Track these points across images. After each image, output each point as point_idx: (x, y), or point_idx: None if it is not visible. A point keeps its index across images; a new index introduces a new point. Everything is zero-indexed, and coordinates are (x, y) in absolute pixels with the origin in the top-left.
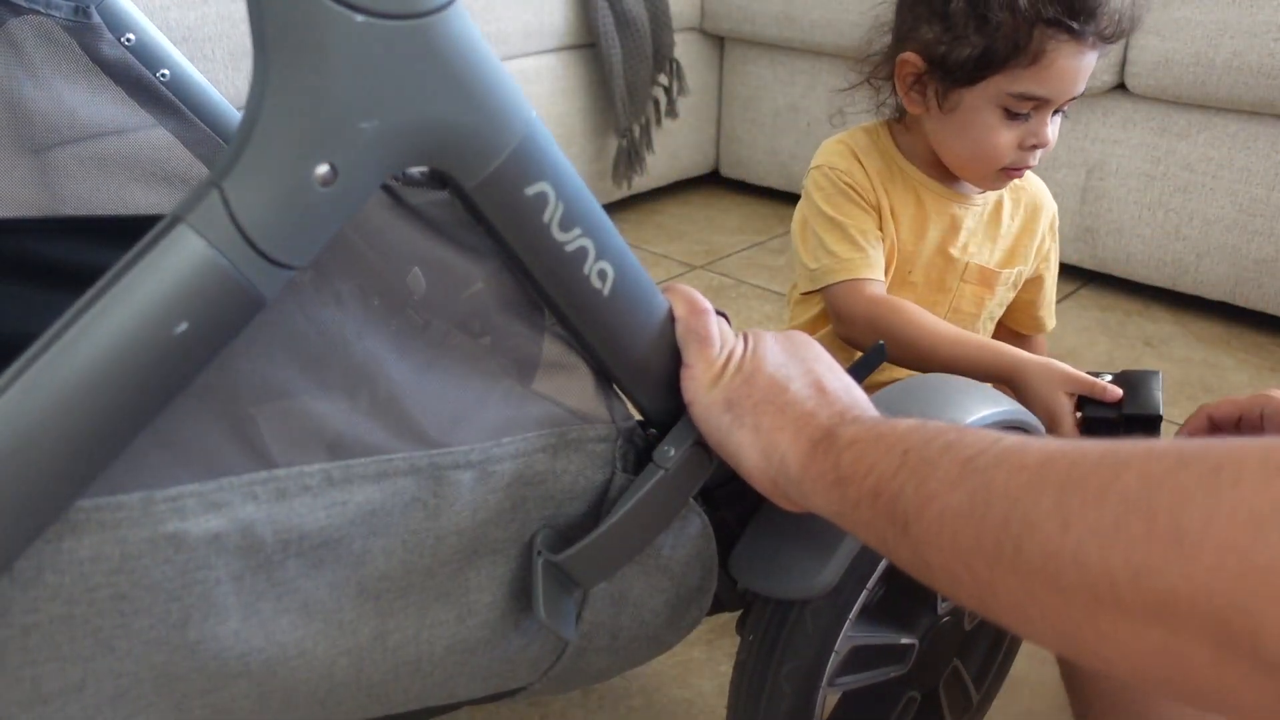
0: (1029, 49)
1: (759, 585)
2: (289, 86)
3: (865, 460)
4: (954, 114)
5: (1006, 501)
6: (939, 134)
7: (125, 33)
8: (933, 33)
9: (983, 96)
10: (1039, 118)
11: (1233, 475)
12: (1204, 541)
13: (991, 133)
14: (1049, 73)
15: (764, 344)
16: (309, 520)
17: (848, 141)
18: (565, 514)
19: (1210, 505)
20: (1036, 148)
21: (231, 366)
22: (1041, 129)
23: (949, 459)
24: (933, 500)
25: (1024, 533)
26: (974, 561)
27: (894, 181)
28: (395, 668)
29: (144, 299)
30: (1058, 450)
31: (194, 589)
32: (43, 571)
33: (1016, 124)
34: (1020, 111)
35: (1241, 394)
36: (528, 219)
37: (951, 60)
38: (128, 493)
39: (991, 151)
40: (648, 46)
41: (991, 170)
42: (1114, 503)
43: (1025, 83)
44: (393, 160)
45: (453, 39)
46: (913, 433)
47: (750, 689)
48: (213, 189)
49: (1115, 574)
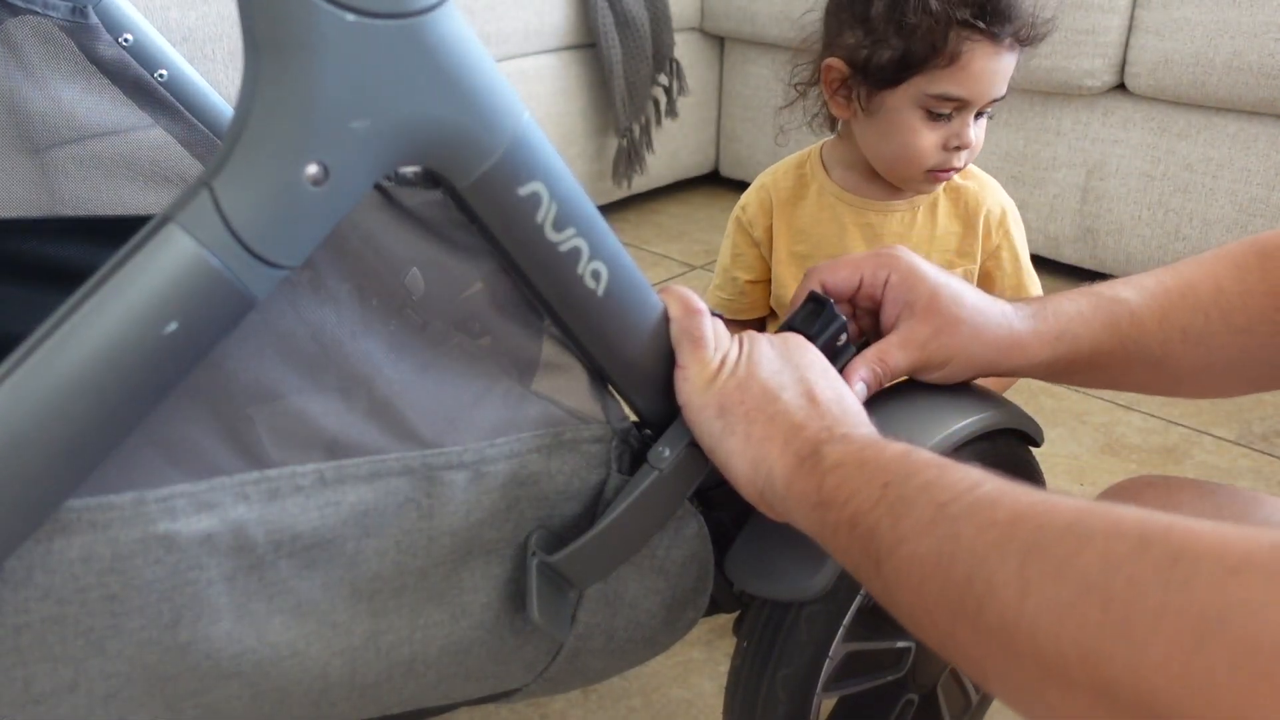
0: (945, 50)
1: (754, 587)
2: (280, 86)
3: (847, 487)
4: (877, 117)
5: (972, 559)
6: (865, 138)
7: (123, 33)
8: (855, 38)
9: (904, 98)
10: (960, 119)
11: (1188, 570)
12: (1152, 638)
13: (914, 135)
14: (966, 74)
15: (759, 348)
16: (301, 521)
17: (768, 174)
18: (560, 515)
19: (1162, 601)
20: (960, 149)
21: (223, 366)
22: (964, 130)
23: (925, 500)
24: (904, 543)
25: (985, 593)
26: (937, 612)
27: (807, 203)
28: (389, 668)
29: (134, 298)
30: (1028, 508)
31: (185, 589)
32: (33, 572)
33: (939, 125)
34: (941, 112)
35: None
36: (521, 219)
37: (873, 64)
38: (118, 493)
39: (915, 153)
40: (648, 46)
41: (917, 172)
42: (1072, 580)
43: (944, 83)
44: (385, 160)
45: (444, 38)
46: (896, 463)
47: (745, 696)
48: (203, 188)
49: (1065, 652)
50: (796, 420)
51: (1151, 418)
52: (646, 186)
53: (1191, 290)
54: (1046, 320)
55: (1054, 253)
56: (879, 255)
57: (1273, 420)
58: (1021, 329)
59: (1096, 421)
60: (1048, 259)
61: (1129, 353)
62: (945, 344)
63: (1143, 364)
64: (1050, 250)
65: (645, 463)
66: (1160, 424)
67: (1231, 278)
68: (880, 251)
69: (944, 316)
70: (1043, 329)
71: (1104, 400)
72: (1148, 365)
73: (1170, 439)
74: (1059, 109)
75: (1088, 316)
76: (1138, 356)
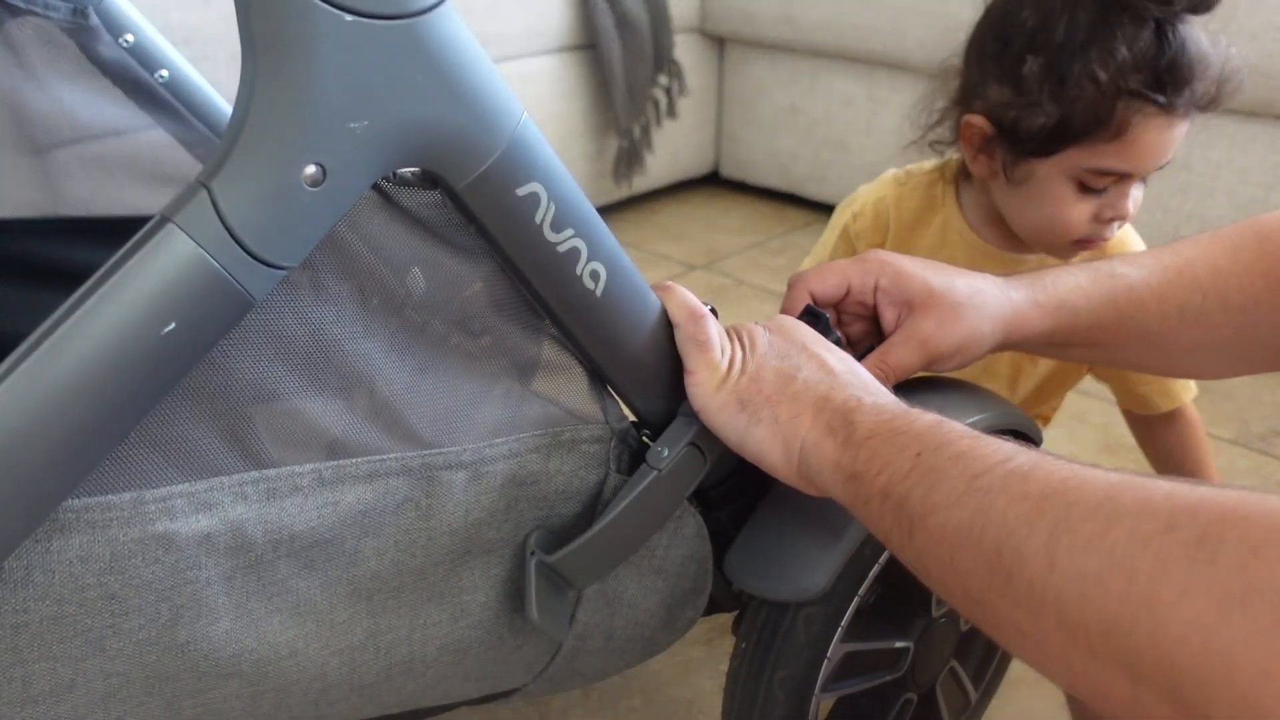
0: (1111, 122)
1: (753, 587)
2: (277, 86)
3: (880, 457)
4: (1024, 185)
5: (1003, 531)
6: (1007, 202)
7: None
8: (1003, 96)
9: (1057, 169)
10: (1119, 190)
11: (1212, 550)
12: (1174, 615)
13: (1065, 207)
14: (1134, 148)
15: (760, 339)
16: (300, 520)
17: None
18: (559, 515)
19: (1186, 580)
20: (1115, 220)
21: (222, 366)
22: (1122, 202)
23: (957, 471)
24: (937, 512)
25: (1014, 564)
26: (968, 580)
27: (928, 230)
28: (388, 668)
29: (132, 299)
30: (1060, 484)
31: (184, 589)
32: (32, 571)
33: (1092, 197)
34: (1096, 186)
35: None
36: (519, 220)
37: (1023, 129)
38: (117, 493)
39: (1064, 226)
40: (648, 47)
41: (1064, 243)
42: (1100, 555)
43: (1106, 158)
44: (382, 161)
45: (442, 39)
46: (928, 434)
47: (743, 697)
48: (201, 189)
49: (1090, 624)
50: (820, 392)
51: None
52: (646, 187)
53: (1189, 268)
54: (1045, 290)
55: None
56: (864, 261)
57: (1272, 420)
58: (1020, 299)
59: (1095, 421)
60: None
61: (1126, 328)
62: (951, 331)
63: (1139, 340)
64: None
65: (644, 463)
66: None
67: (1228, 258)
68: (864, 257)
69: (944, 305)
70: (1041, 299)
71: (1103, 400)
72: (1143, 341)
73: None
74: None
75: (1086, 289)
76: (1134, 332)
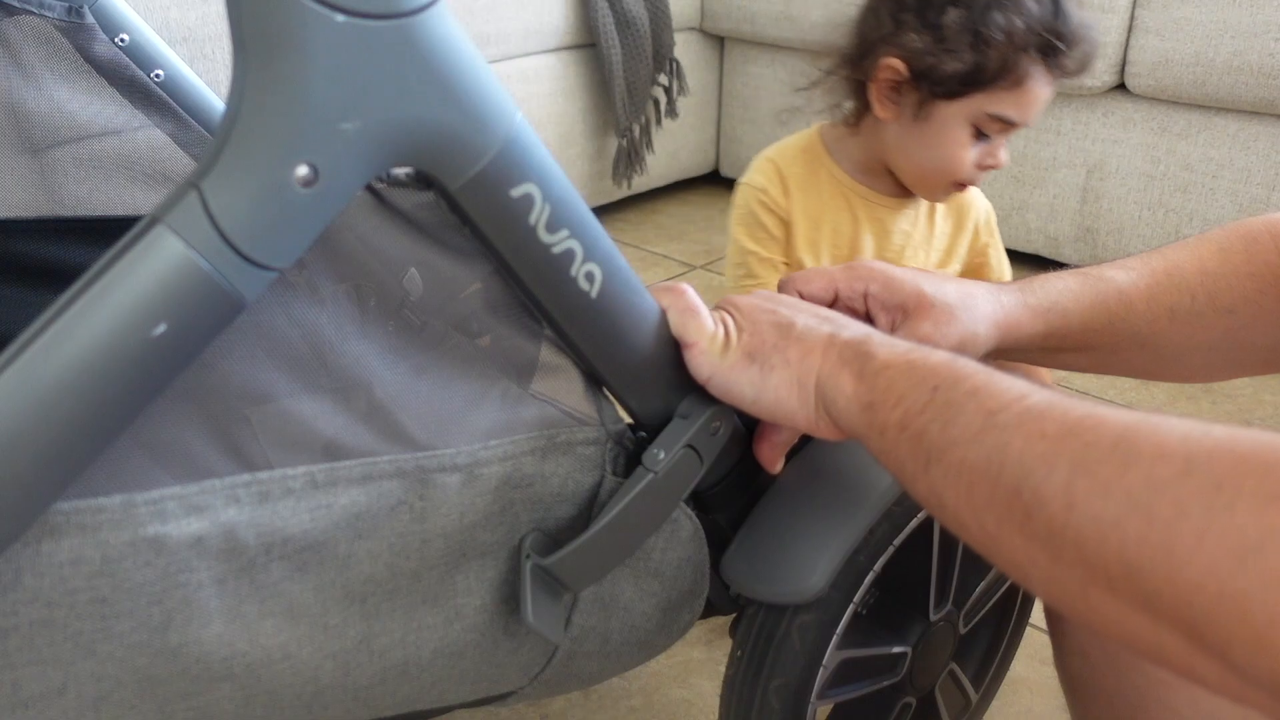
0: (1015, 72)
1: (750, 589)
2: (268, 86)
3: (896, 389)
4: (925, 125)
5: (1021, 469)
6: (901, 142)
7: (119, 33)
8: (921, 42)
9: (960, 112)
10: (999, 140)
11: (1230, 497)
12: (1192, 558)
13: (959, 149)
14: (1026, 98)
15: (745, 301)
16: (293, 523)
17: (775, 156)
18: (554, 517)
19: (1204, 524)
20: (990, 168)
21: (213, 368)
22: (999, 151)
23: (974, 406)
24: (954, 447)
25: (1033, 503)
26: (985, 516)
27: (820, 190)
28: (382, 671)
29: (122, 300)
30: (1076, 422)
31: (175, 592)
32: (21, 574)
33: (980, 143)
34: (988, 132)
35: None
36: (514, 220)
37: (938, 73)
38: (108, 495)
39: (953, 166)
40: (648, 46)
41: (945, 183)
42: (1118, 498)
43: (1004, 105)
44: (375, 161)
45: (435, 39)
46: (944, 368)
47: (739, 705)
48: (191, 190)
49: (1109, 564)
50: (825, 332)
51: None
52: (646, 186)
53: (1178, 271)
54: (1035, 294)
55: (1054, 253)
56: (852, 269)
57: (1272, 420)
58: (1011, 302)
59: None
60: (1048, 259)
61: (1117, 331)
62: (948, 334)
63: (1130, 343)
64: (1050, 250)
65: (640, 465)
66: None
67: (1216, 260)
68: (852, 265)
69: (938, 309)
70: (1032, 302)
71: (1103, 400)
72: (1135, 345)
73: None
74: (1059, 109)
75: (1077, 292)
76: (1125, 335)
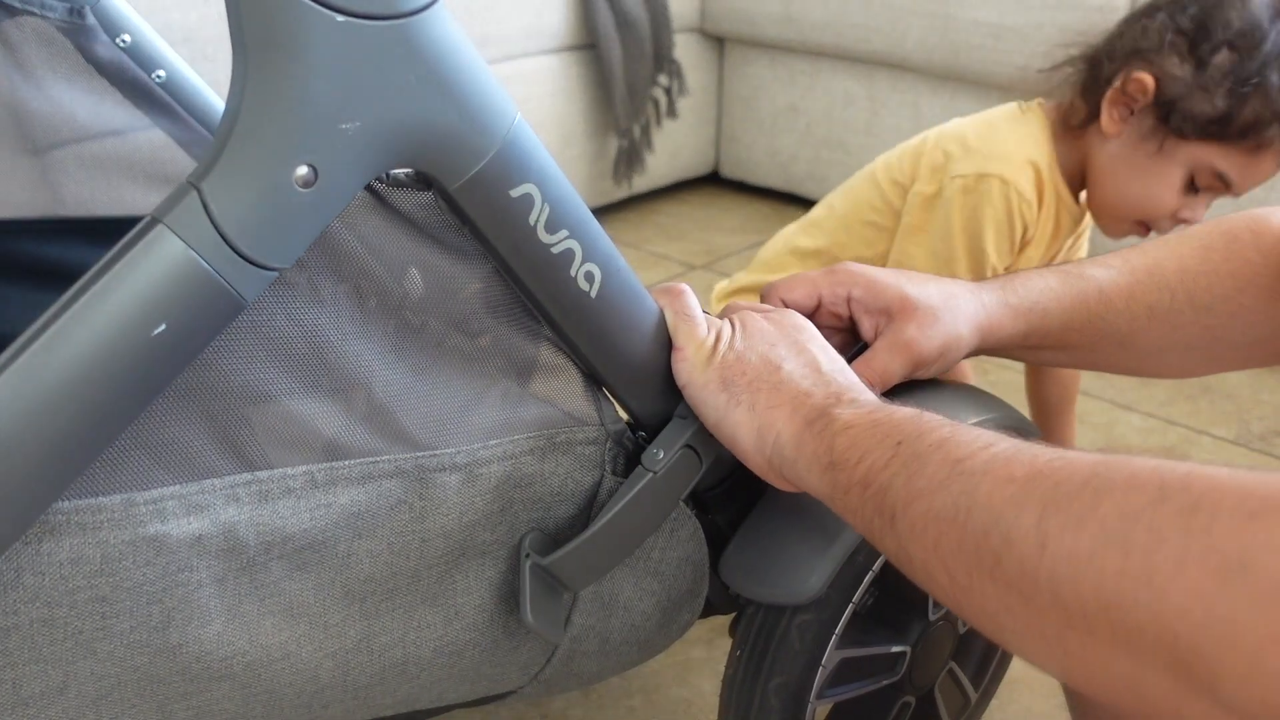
0: (1260, 136)
1: (748, 590)
2: (268, 87)
3: (859, 447)
4: (1146, 156)
5: (989, 513)
6: (1113, 164)
7: (120, 34)
8: (1181, 71)
9: (1186, 156)
10: (1206, 197)
11: (1207, 518)
12: (1173, 584)
13: (1168, 190)
14: (1258, 166)
15: (753, 323)
16: (292, 522)
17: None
18: (554, 517)
19: (1182, 548)
20: (1186, 222)
21: (213, 368)
22: (1201, 209)
23: (939, 457)
24: (920, 498)
25: (1003, 547)
26: (954, 565)
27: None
28: (381, 670)
29: (122, 300)
30: (1045, 465)
31: (175, 591)
32: (22, 574)
33: (1189, 194)
34: (1200, 185)
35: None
36: (513, 221)
37: (1184, 107)
38: (108, 495)
39: (1155, 206)
40: (648, 46)
41: (1134, 220)
42: (1092, 532)
43: (1232, 164)
44: (375, 162)
45: (435, 40)
46: (908, 423)
47: (739, 704)
48: (191, 190)
49: (1086, 602)
50: (802, 388)
51: (1151, 417)
52: (646, 187)
53: (1158, 269)
54: (1016, 293)
55: None
56: (834, 273)
57: (1271, 420)
58: (992, 302)
59: (1096, 421)
60: None
61: (1096, 330)
62: (933, 335)
63: (1110, 341)
64: None
65: (639, 465)
66: (1159, 424)
67: (1196, 258)
68: (834, 269)
69: (922, 311)
70: (1014, 301)
71: (1103, 401)
72: (1114, 343)
73: (1169, 439)
74: None
75: (1058, 292)
76: (1105, 333)
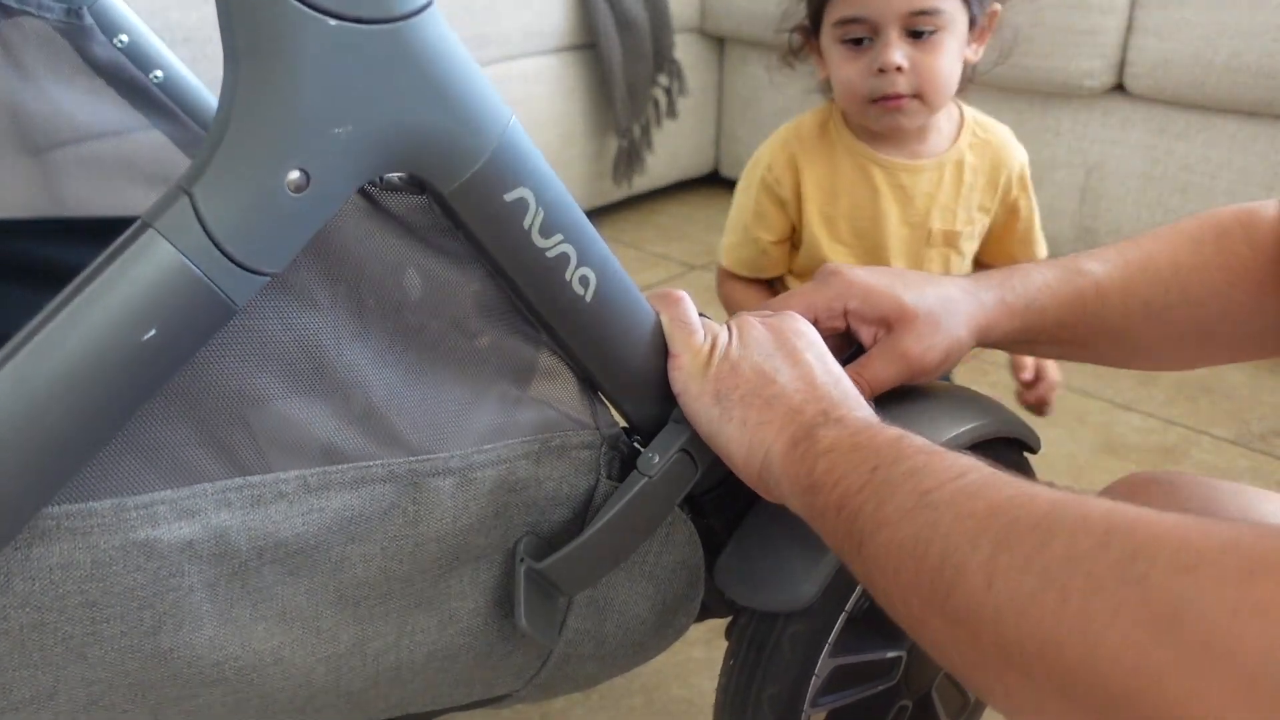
0: None
1: (742, 596)
2: (260, 91)
3: (836, 470)
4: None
5: (945, 546)
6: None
7: (118, 34)
8: None
9: (828, 38)
10: (880, 42)
11: (1145, 566)
12: (1108, 632)
13: (840, 67)
14: None
15: (750, 331)
16: (285, 527)
17: (786, 131)
18: (549, 521)
19: (1118, 597)
20: (883, 71)
21: (205, 372)
22: (883, 52)
23: (909, 487)
24: (885, 527)
25: (954, 580)
26: (910, 597)
27: (835, 162)
28: (375, 675)
29: (112, 305)
30: (1005, 501)
31: (166, 596)
32: (12, 579)
33: (860, 53)
34: (857, 39)
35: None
36: (507, 225)
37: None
38: (99, 499)
39: (847, 85)
40: (648, 46)
41: (860, 104)
42: (1036, 573)
43: (840, 8)
44: (367, 166)
45: (427, 43)
46: (887, 448)
47: (732, 712)
48: (182, 194)
49: (1025, 641)
50: (794, 404)
51: (1150, 417)
52: (646, 187)
53: (1152, 264)
54: (1014, 290)
55: (1053, 252)
56: (827, 285)
57: (1271, 420)
58: (989, 300)
59: (1095, 421)
60: None
61: (1091, 326)
62: (933, 343)
63: (1104, 336)
64: (1050, 250)
65: (635, 469)
66: (1159, 423)
67: (1188, 251)
68: (826, 281)
69: (921, 318)
70: (1010, 299)
71: (1102, 400)
72: (1108, 337)
73: (1169, 438)
74: (1058, 109)
75: (1054, 288)
76: (1100, 329)
